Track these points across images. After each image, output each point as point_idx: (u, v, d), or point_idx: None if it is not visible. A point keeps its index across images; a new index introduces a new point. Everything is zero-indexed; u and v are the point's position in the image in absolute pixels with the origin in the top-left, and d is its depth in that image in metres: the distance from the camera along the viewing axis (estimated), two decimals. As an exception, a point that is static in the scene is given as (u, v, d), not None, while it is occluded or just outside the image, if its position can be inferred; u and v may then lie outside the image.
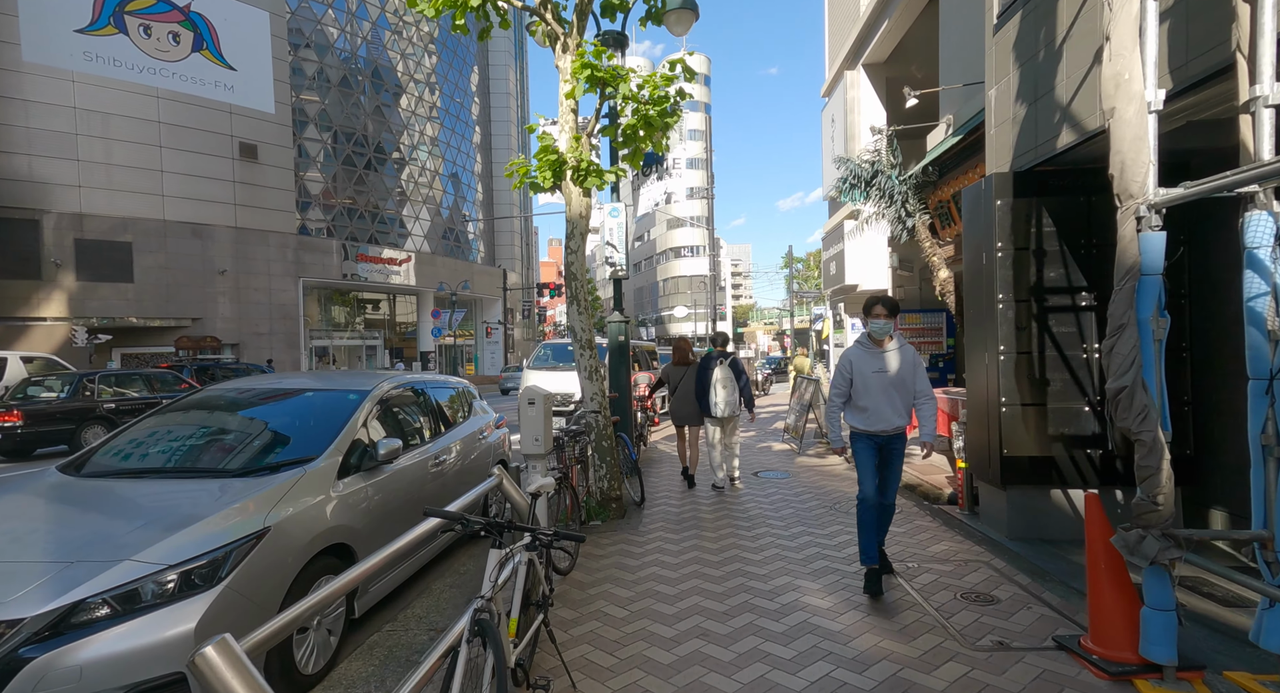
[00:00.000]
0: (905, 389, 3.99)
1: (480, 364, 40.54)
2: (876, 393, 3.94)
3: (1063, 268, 4.59)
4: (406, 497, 4.18)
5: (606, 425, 6.11)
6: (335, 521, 3.37)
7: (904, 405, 3.99)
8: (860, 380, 3.99)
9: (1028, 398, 4.61)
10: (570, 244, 6.20)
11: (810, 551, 4.74)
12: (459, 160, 39.44)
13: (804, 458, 8.82)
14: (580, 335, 6.15)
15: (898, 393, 3.96)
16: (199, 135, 23.34)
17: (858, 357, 4.04)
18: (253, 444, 3.69)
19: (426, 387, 5.21)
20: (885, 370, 3.95)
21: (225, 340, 24.17)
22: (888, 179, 8.29)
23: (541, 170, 6.13)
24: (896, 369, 3.96)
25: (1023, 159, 4.62)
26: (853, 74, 12.55)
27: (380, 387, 4.36)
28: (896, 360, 3.98)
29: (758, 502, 6.38)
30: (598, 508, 5.90)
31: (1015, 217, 4.62)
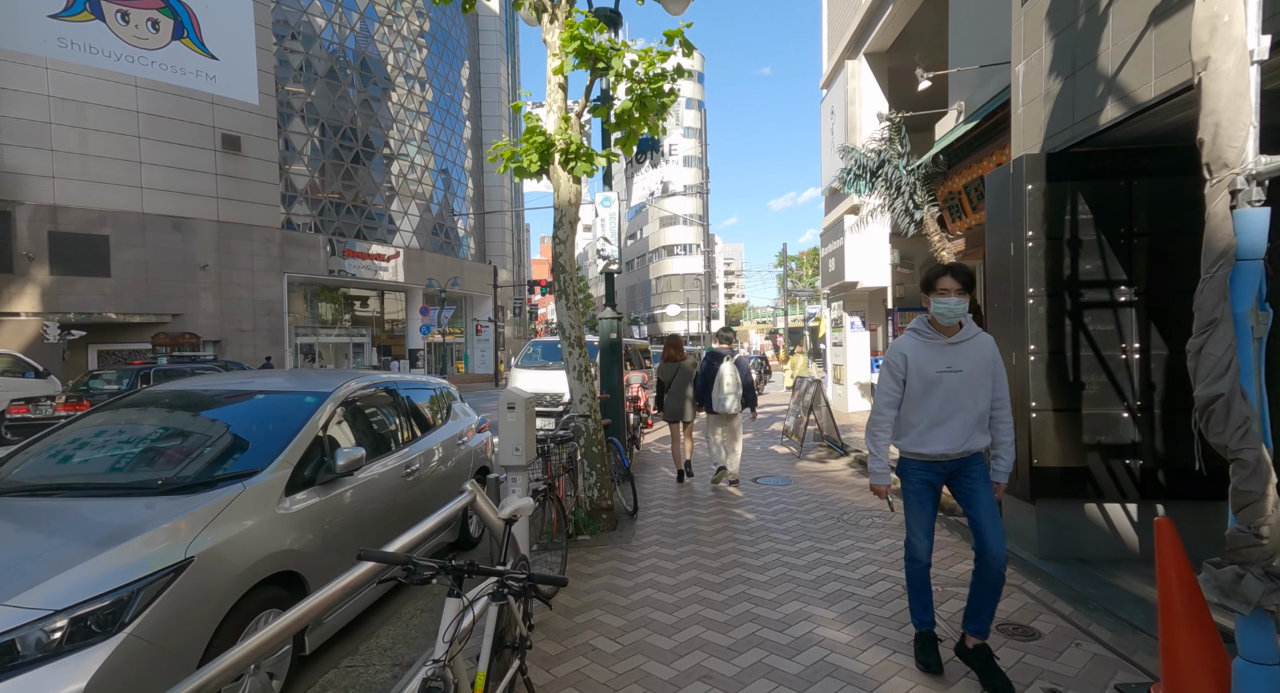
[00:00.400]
0: (982, 396, 2.89)
1: (470, 362, 39.94)
2: (943, 401, 2.86)
3: (1100, 259, 4.17)
4: (373, 512, 3.72)
5: (597, 430, 5.66)
6: (281, 545, 2.90)
7: (980, 418, 2.90)
8: (919, 383, 2.88)
9: (1060, 403, 4.19)
10: (558, 234, 5.73)
11: (820, 570, 4.30)
12: (449, 155, 38.80)
13: (805, 462, 8.40)
14: (569, 332, 5.70)
15: (972, 401, 2.87)
16: (179, 126, 22.65)
17: (915, 350, 2.92)
18: (185, 456, 3.20)
19: (399, 387, 4.74)
20: (956, 369, 2.86)
21: (207, 337, 23.51)
22: (895, 169, 7.86)
23: (527, 153, 5.66)
24: (972, 367, 2.87)
25: (1056, 139, 4.19)
26: (854, 64, 12.13)
27: (343, 387, 3.88)
28: (973, 355, 2.88)
29: (759, 511, 5.95)
30: (587, 520, 5.44)
31: (1048, 203, 4.20)
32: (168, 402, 3.67)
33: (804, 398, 9.50)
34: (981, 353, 2.92)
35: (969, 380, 2.87)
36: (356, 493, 3.58)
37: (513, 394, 3.52)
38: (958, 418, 2.86)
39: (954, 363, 2.88)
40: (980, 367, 2.89)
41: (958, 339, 2.91)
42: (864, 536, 5.07)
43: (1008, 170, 4.44)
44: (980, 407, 2.89)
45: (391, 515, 3.91)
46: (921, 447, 2.92)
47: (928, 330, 2.94)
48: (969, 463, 2.95)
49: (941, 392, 2.86)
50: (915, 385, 2.90)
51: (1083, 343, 4.18)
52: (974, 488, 2.93)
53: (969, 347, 2.91)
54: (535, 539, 4.31)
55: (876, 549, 4.69)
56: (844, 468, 7.97)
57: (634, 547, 4.99)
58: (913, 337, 2.98)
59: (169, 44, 21.64)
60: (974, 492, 2.93)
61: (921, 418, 2.90)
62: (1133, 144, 4.11)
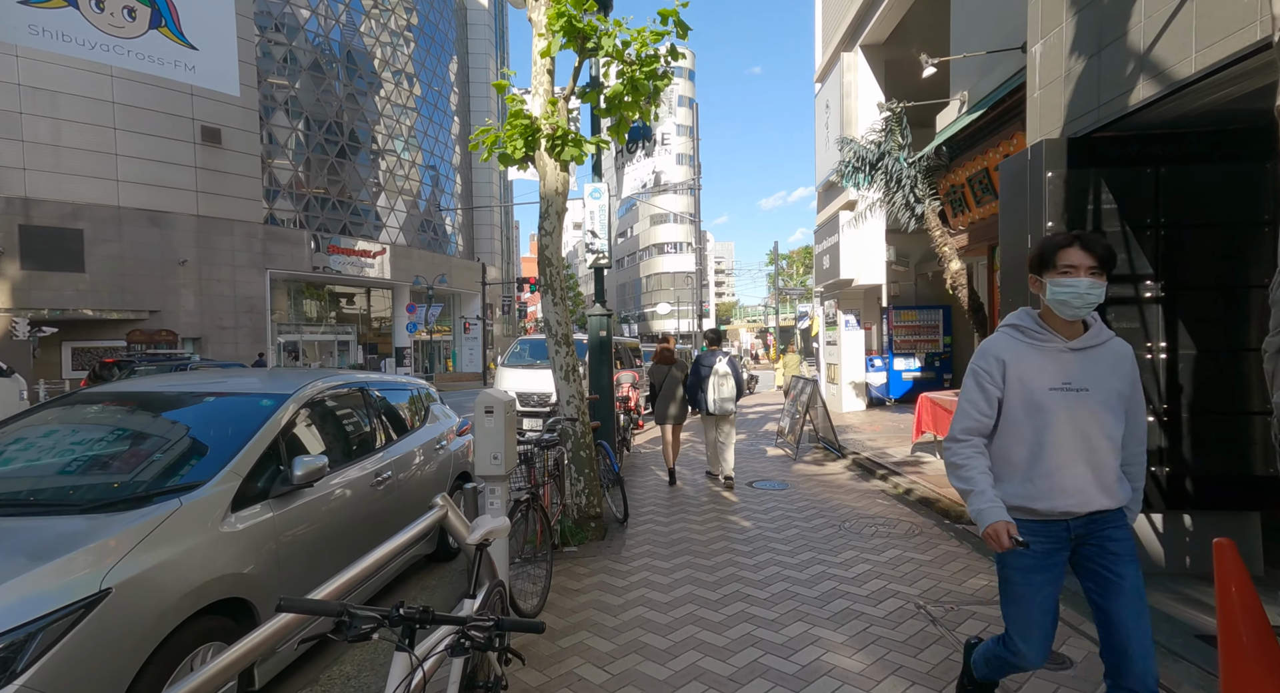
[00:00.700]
0: (1114, 426, 2.00)
1: (459, 361, 39.46)
2: (1059, 432, 1.98)
3: (1124, 253, 3.89)
4: (338, 526, 3.37)
5: (585, 433, 5.33)
6: (224, 568, 2.55)
7: (1116, 456, 2.01)
8: (1022, 404, 2.01)
9: (1082, 405, 3.90)
10: (544, 224, 5.40)
11: (825, 586, 4.00)
12: (437, 150, 38.27)
13: (801, 465, 8.12)
14: (555, 329, 5.37)
15: (1103, 434, 1.98)
16: (157, 117, 22.06)
17: (1019, 356, 2.03)
18: (113, 469, 2.84)
19: (372, 387, 4.39)
20: (1079, 386, 1.98)
21: (186, 335, 22.96)
22: (895, 162, 7.59)
23: (511, 139, 5.33)
24: (1103, 385, 2.00)
25: (1078, 123, 3.91)
26: (850, 56, 11.86)
27: (306, 388, 3.53)
28: (1105, 367, 2.02)
29: (756, 519, 5.64)
30: (574, 529, 5.12)
31: (1069, 191, 3.91)
32: (103, 406, 3.30)
33: (800, 398, 9.22)
34: (1117, 365, 2.03)
35: (1099, 403, 1.97)
36: (318, 505, 3.24)
37: (490, 397, 3.18)
38: (1082, 459, 1.96)
39: (1077, 377, 1.98)
40: (1114, 384, 2.00)
41: (1083, 343, 2.01)
42: (868, 546, 4.78)
43: (1024, 157, 4.15)
44: (1114, 441, 1.99)
45: (360, 528, 3.57)
46: (1030, 499, 1.99)
47: (1037, 328, 2.03)
48: (1102, 526, 2.01)
49: (1057, 418, 1.97)
50: (1016, 407, 2.00)
51: (1105, 342, 3.90)
52: (1110, 565, 1.99)
53: (1100, 355, 2.02)
54: (517, 553, 3.98)
55: (883, 562, 4.40)
56: (842, 471, 7.69)
57: (624, 558, 4.67)
58: (1013, 336, 2.07)
59: (146, 33, 21.03)
60: (1111, 571, 1.99)
61: (1026, 455, 2.00)
62: (1160, 129, 3.84)
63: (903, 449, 8.34)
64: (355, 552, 2.20)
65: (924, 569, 4.21)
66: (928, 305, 14.20)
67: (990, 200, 6.70)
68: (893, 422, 11.26)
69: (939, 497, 5.85)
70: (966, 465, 2.03)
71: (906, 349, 13.91)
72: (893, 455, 7.92)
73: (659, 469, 8.06)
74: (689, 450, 9.14)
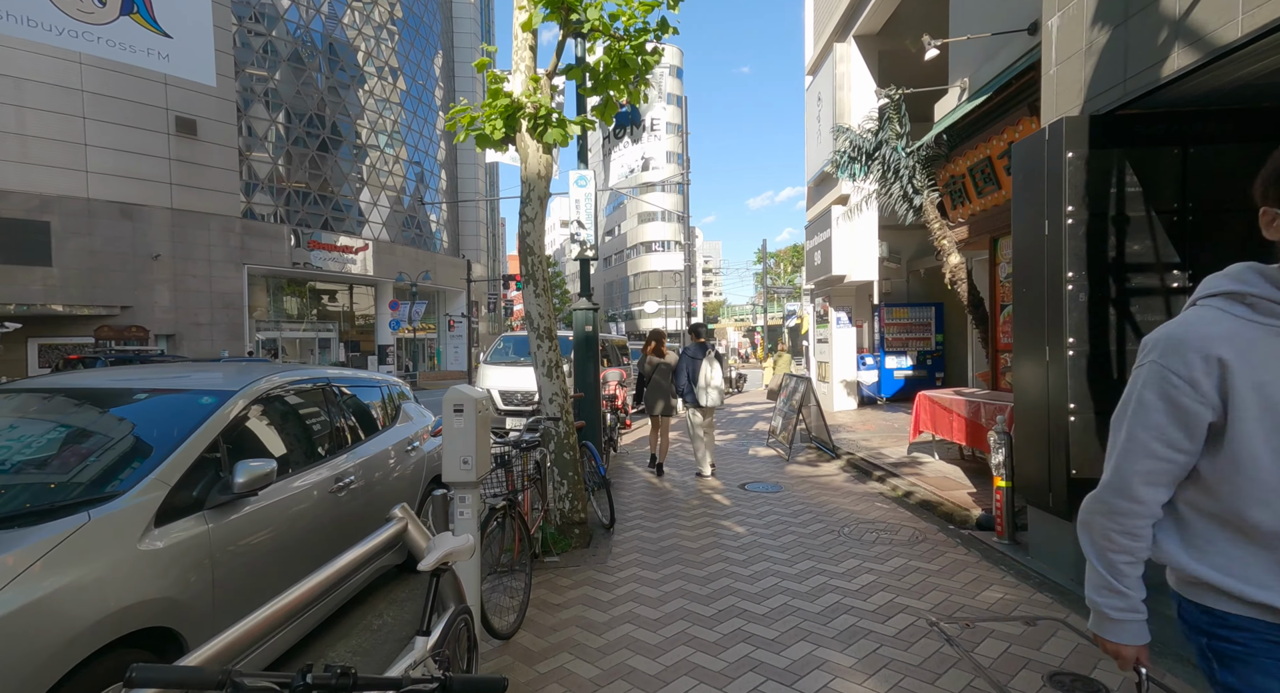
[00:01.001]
0: None
1: (443, 359, 38.87)
2: None
3: (1149, 239, 3.62)
4: (289, 539, 3.01)
5: (569, 433, 5.00)
6: (143, 592, 2.19)
7: None
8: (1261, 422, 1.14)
9: (1104, 404, 3.63)
10: (526, 211, 5.05)
11: (827, 599, 3.69)
12: (421, 145, 37.65)
13: (794, 466, 7.82)
14: (538, 322, 5.02)
15: None
16: (129, 107, 21.35)
17: (1247, 347, 1.15)
18: (18, 476, 2.46)
19: (336, 383, 4.02)
20: None
21: (160, 331, 22.27)
22: (893, 151, 7.31)
23: (490, 119, 4.97)
24: None
25: (1101, 100, 3.63)
26: (843, 47, 11.59)
27: (255, 384, 3.16)
28: None
29: (750, 524, 5.33)
30: (556, 536, 4.78)
31: (1091, 174, 3.64)
32: (15, 405, 2.91)
33: (792, 397, 8.93)
34: None
35: None
36: (266, 516, 2.88)
37: (460, 394, 2.84)
38: None
39: None
40: None
41: None
42: (870, 554, 4.48)
43: (1041, 138, 3.87)
44: None
45: (317, 540, 3.21)
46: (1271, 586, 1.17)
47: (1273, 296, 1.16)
48: None
49: None
50: (1255, 437, 1.14)
51: (1129, 336, 3.63)
52: None
53: None
54: (493, 565, 3.64)
55: (887, 572, 4.11)
56: (837, 472, 7.40)
57: (610, 568, 4.34)
58: (1233, 314, 1.20)
59: (117, 19, 20.33)
60: None
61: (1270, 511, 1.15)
62: (1188, 106, 3.57)
63: (898, 450, 8.07)
64: (311, 566, 1.86)
65: (932, 580, 3.92)
66: (920, 303, 14.00)
67: (992, 191, 6.45)
68: (885, 421, 11.02)
69: (940, 500, 5.58)
70: (1122, 543, 1.30)
71: (898, 347, 13.68)
72: (889, 456, 7.65)
73: (646, 470, 7.74)
74: (677, 450, 8.83)
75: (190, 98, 22.84)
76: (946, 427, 6.51)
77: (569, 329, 7.71)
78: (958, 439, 6.32)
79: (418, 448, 4.64)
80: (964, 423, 6.15)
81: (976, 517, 5.04)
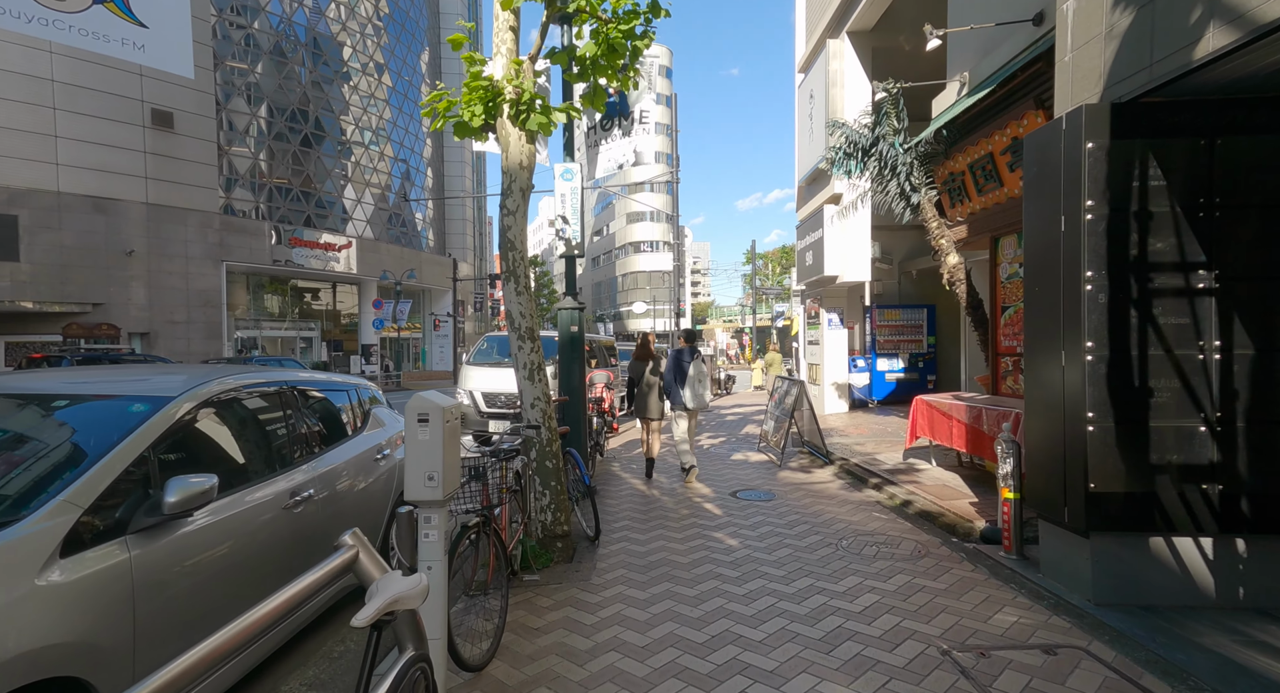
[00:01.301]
0: None
1: (429, 359, 38.35)
2: None
3: (1174, 237, 3.38)
4: (233, 564, 2.68)
5: (551, 440, 4.69)
6: (42, 636, 1.86)
7: None
8: None
9: (1123, 413, 3.39)
10: (507, 203, 4.74)
11: (829, 623, 3.41)
12: (407, 142, 37.12)
13: (787, 472, 7.57)
14: (519, 322, 4.72)
15: None
16: (103, 98, 20.75)
17: None
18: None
19: (297, 386, 3.68)
20: None
21: (134, 329, 21.67)
22: (890, 147, 7.07)
23: (469, 105, 4.66)
24: None
25: (1123, 86, 3.39)
26: (836, 43, 11.37)
27: (197, 390, 2.83)
28: None
29: (743, 535, 5.06)
30: (538, 550, 4.47)
31: (1112, 166, 3.39)
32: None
33: (784, 401, 8.68)
34: None
35: None
36: (204, 539, 2.55)
37: (425, 402, 2.52)
38: None
39: None
40: None
41: None
42: (871, 570, 4.21)
43: (1057, 127, 3.62)
44: None
45: (265, 563, 2.89)
46: None
47: None
48: None
49: None
50: None
51: (1151, 339, 3.39)
52: None
53: None
54: (465, 589, 3.33)
55: (891, 591, 3.84)
56: (831, 479, 7.15)
57: (594, 586, 4.04)
58: None
59: (90, 7, 19.68)
60: None
61: None
62: (1217, 94, 3.33)
63: (893, 455, 7.84)
64: (261, 594, 1.56)
65: (940, 601, 3.66)
66: (912, 304, 13.83)
67: (994, 188, 6.22)
68: (878, 424, 10.80)
69: (942, 510, 5.33)
70: None
71: (890, 349, 13.51)
72: (884, 462, 7.41)
73: (634, 476, 7.45)
74: (665, 453, 8.54)
75: (167, 90, 22.27)
76: (945, 433, 6.28)
77: (556, 330, 7.42)
78: (957, 446, 6.09)
79: (388, 456, 4.31)
80: (964, 429, 5.92)
81: (981, 529, 4.79)
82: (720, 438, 10.57)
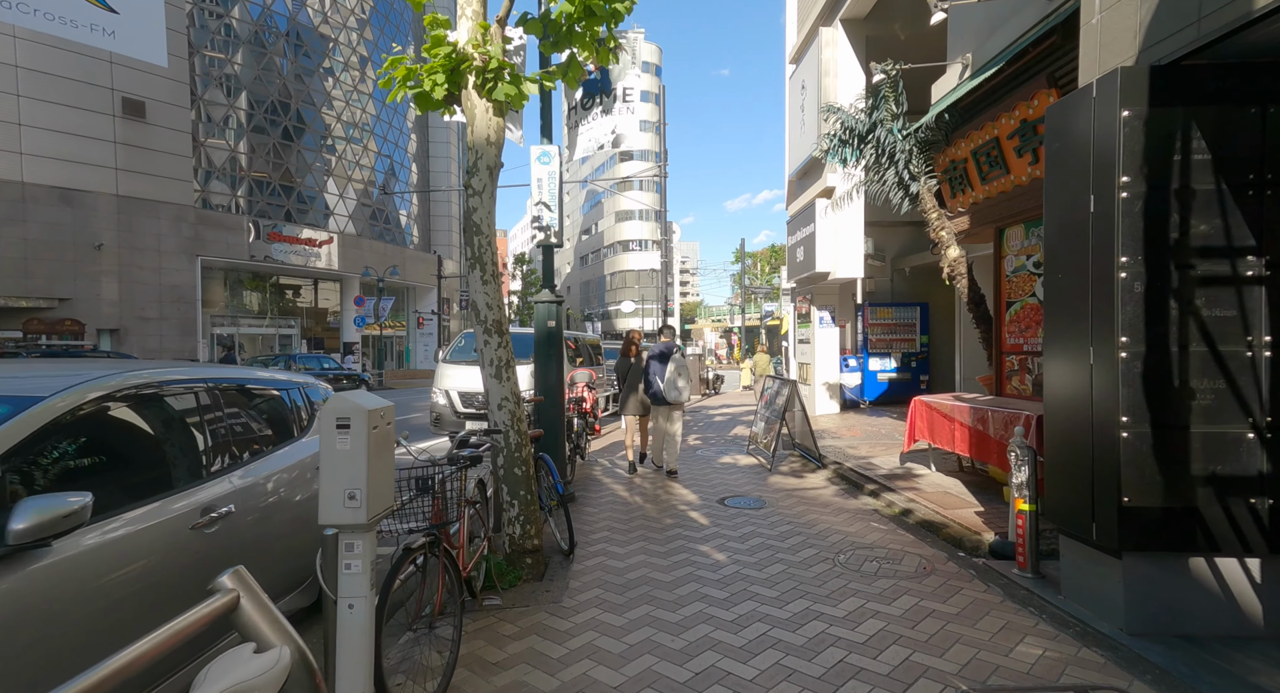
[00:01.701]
0: None
1: (412, 357, 37.66)
2: None
3: (1219, 218, 2.99)
4: (110, 601, 2.21)
5: (521, 445, 4.24)
6: None
7: None
8: None
9: (1161, 417, 2.99)
10: (473, 182, 4.28)
11: (830, 656, 2.99)
12: (391, 136, 36.41)
13: (777, 477, 7.16)
14: (485, 315, 4.27)
15: None
16: (70, 86, 20.00)
17: None
18: None
19: (220, 384, 3.20)
20: None
21: (103, 325, 20.92)
22: (889, 133, 6.68)
23: (431, 73, 4.19)
24: None
25: (1165, 47, 2.99)
26: (829, 31, 10.98)
27: (82, 388, 2.35)
28: None
29: (731, 549, 4.63)
30: (504, 567, 4.03)
31: (1150, 138, 3.00)
32: None
33: (775, 401, 8.27)
34: None
35: None
36: (71, 571, 2.08)
37: (346, 404, 2.07)
38: None
39: None
40: None
41: None
42: (873, 590, 3.80)
43: (1087, 95, 3.22)
44: None
45: (161, 596, 2.41)
46: None
47: None
48: None
49: None
50: None
51: (1193, 334, 3.00)
52: None
53: None
54: (409, 622, 2.87)
55: (897, 616, 3.43)
56: (824, 485, 6.75)
57: (565, 610, 3.60)
58: None
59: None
60: None
61: None
62: (1270, 56, 2.94)
63: (889, 458, 7.46)
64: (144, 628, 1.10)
65: (952, 629, 3.25)
66: (905, 303, 13.49)
67: (999, 176, 5.84)
68: (870, 426, 10.43)
69: (946, 521, 4.93)
70: None
71: (882, 348, 13.16)
72: (880, 466, 7.02)
73: (616, 481, 7.01)
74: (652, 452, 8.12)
75: (139, 78, 21.53)
76: (947, 436, 5.89)
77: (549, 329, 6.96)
78: (959, 450, 5.70)
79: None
80: (967, 433, 5.53)
81: (989, 542, 4.40)
82: (709, 439, 10.15)
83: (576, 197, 70.55)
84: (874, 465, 7.09)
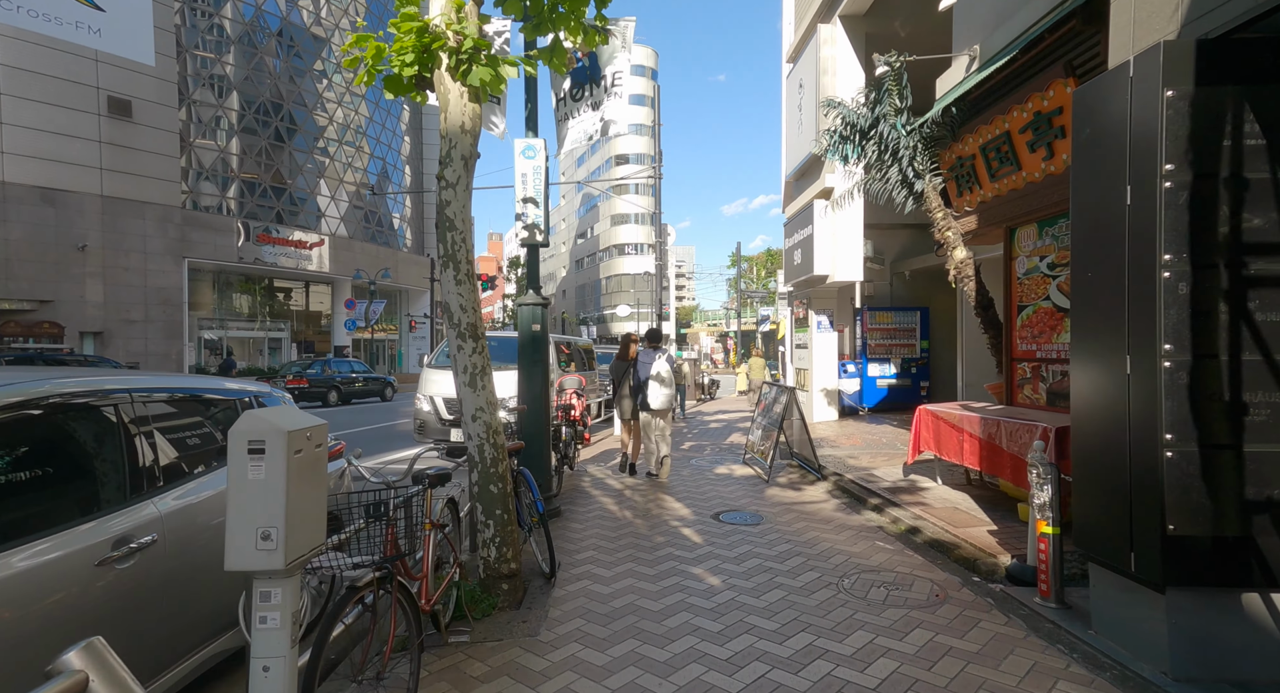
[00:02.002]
0: None
1: (404, 361, 37.23)
2: None
3: (1275, 211, 2.66)
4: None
5: (497, 460, 3.88)
6: None
7: None
8: None
9: (1211, 435, 2.66)
10: (446, 173, 3.94)
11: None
12: (384, 138, 36.07)
13: (775, 490, 6.81)
14: (458, 318, 3.91)
15: None
16: (54, 84, 19.61)
17: None
18: None
19: (144, 395, 2.82)
20: None
21: (86, 328, 20.49)
22: (892, 129, 6.36)
23: (401, 53, 3.85)
24: None
25: (1213, 18, 2.67)
26: (827, 28, 10.69)
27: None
28: None
29: (726, 572, 4.28)
30: (479, 593, 3.67)
31: (1196, 121, 2.67)
32: None
33: (773, 408, 7.93)
34: None
35: None
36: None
37: (260, 423, 1.72)
38: None
39: None
40: None
41: None
42: (882, 622, 3.45)
43: (1123, 74, 2.89)
44: None
45: (54, 648, 2.04)
46: None
47: None
48: None
49: None
50: None
51: (1246, 342, 2.67)
52: None
53: None
54: (353, 675, 2.51)
55: (911, 654, 3.08)
56: (825, 498, 6.40)
57: (543, 644, 3.24)
58: None
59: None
60: None
61: None
62: (1332, 28, 2.62)
63: (891, 470, 7.12)
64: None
65: (974, 671, 2.89)
66: (904, 307, 13.19)
67: (1010, 172, 5.52)
68: (870, 434, 10.09)
69: (957, 541, 4.59)
70: None
71: (881, 354, 12.85)
72: (883, 479, 6.68)
73: (605, 494, 6.65)
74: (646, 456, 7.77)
75: (125, 77, 21.17)
76: (955, 448, 5.55)
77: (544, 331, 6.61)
78: (969, 463, 5.37)
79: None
80: (977, 445, 5.19)
81: (1006, 566, 4.05)
82: (703, 448, 9.79)
83: (572, 200, 70.29)
84: (876, 477, 6.75)
